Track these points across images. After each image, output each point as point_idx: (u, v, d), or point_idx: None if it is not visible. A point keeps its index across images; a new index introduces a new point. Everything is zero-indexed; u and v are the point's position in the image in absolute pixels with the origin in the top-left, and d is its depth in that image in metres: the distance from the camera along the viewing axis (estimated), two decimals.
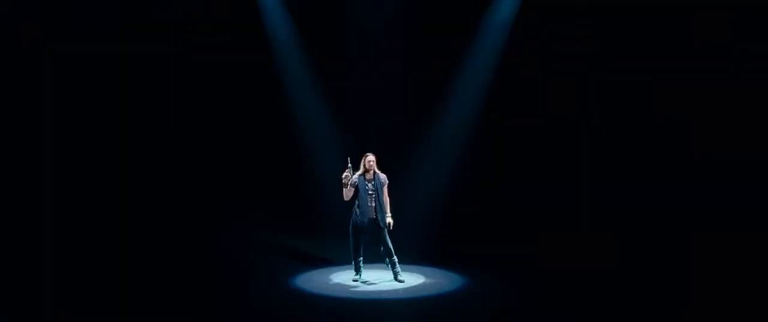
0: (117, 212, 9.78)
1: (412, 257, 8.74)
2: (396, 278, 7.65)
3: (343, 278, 7.87)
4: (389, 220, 7.64)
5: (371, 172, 7.63)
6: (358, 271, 7.76)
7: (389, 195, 7.71)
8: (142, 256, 8.78)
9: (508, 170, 10.04)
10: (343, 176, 7.55)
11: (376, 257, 7.81)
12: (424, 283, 7.76)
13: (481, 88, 10.03)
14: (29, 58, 9.38)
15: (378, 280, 7.77)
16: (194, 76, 10.02)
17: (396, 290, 7.43)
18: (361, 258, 7.72)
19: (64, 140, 9.66)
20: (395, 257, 7.65)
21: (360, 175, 7.61)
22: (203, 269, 8.38)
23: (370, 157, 7.64)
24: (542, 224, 9.64)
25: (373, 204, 7.57)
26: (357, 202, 7.59)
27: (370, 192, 7.59)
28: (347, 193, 7.59)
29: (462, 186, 10.01)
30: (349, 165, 7.59)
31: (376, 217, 7.57)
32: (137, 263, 8.41)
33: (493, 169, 10.07)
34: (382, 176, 7.69)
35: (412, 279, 7.88)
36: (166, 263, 8.55)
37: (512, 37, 9.79)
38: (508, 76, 9.84)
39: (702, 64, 8.89)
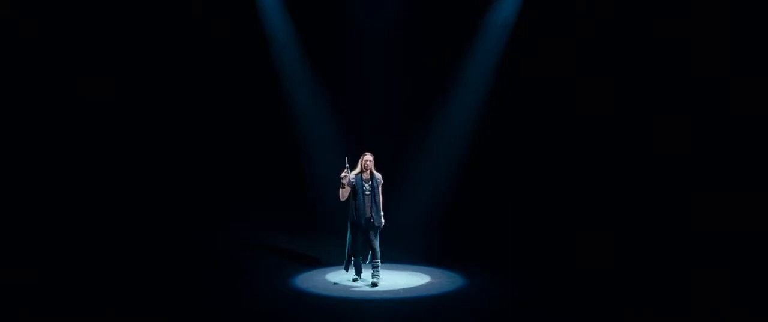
0: (117, 212, 9.78)
1: (411, 257, 8.75)
2: (372, 279, 7.57)
3: (343, 278, 7.86)
4: (382, 220, 7.63)
5: (368, 171, 7.60)
6: (358, 272, 7.76)
7: (382, 195, 7.68)
8: (142, 256, 8.78)
9: (509, 170, 10.04)
10: (342, 176, 7.52)
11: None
12: (424, 283, 7.75)
13: (480, 88, 10.03)
14: (29, 58, 9.39)
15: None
16: (194, 76, 10.02)
17: (396, 290, 7.42)
18: (361, 257, 7.71)
19: (65, 140, 9.66)
20: (379, 260, 7.61)
21: (357, 174, 7.59)
22: (203, 270, 8.37)
23: (368, 157, 7.59)
24: (542, 223, 9.64)
25: (370, 204, 7.55)
26: (354, 202, 7.56)
27: (367, 192, 7.55)
28: (343, 193, 7.56)
29: (462, 186, 10.00)
30: (347, 165, 7.56)
31: (372, 216, 7.56)
32: (137, 264, 8.41)
33: (493, 169, 10.07)
34: (378, 176, 7.67)
35: (413, 279, 7.88)
36: (166, 264, 8.54)
37: (513, 37, 9.79)
38: (508, 77, 9.83)
39: (702, 65, 8.91)
